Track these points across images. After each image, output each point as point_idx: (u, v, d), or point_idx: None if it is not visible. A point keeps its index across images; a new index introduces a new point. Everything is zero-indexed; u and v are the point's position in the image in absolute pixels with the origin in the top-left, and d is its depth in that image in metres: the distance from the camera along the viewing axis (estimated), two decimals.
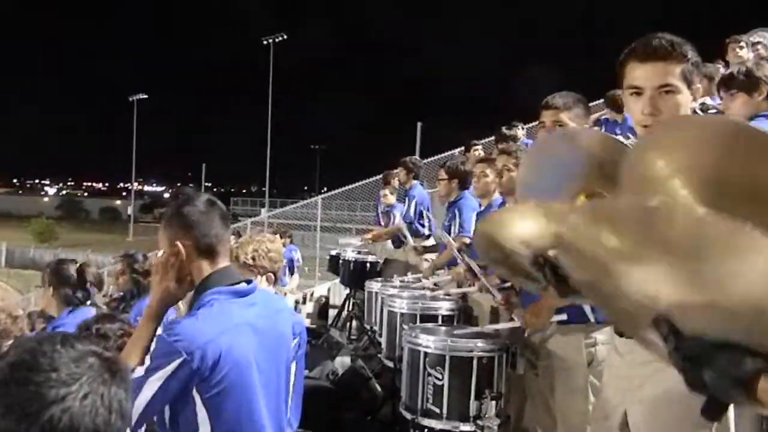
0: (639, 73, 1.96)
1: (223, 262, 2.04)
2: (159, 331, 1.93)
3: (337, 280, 8.92)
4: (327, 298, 9.90)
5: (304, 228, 17.34)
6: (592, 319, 2.78)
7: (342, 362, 5.42)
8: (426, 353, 3.00)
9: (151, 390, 1.75)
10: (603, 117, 6.95)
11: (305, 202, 19.32)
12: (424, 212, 6.64)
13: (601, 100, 7.02)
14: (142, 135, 57.74)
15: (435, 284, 4.51)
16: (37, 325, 5.12)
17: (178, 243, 1.95)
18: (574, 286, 1.44)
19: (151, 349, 1.84)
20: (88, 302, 4.00)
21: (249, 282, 2.06)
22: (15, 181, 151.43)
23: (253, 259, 2.97)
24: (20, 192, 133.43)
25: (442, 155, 12.36)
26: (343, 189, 17.07)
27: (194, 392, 1.83)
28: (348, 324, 7.36)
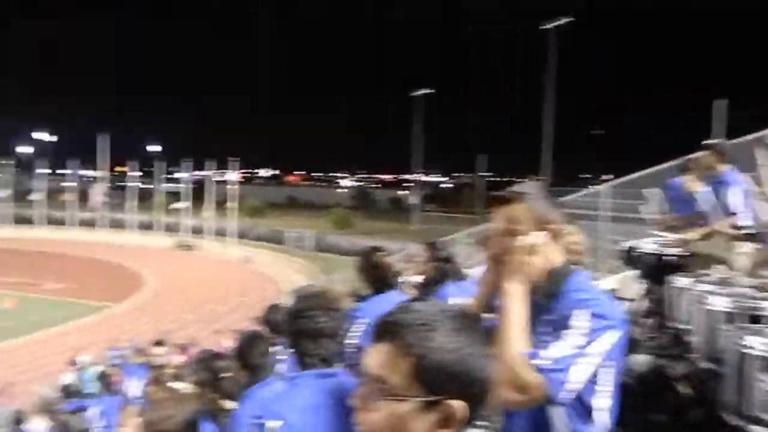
0: None
1: None
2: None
3: (626, 273, 8.43)
4: (616, 291, 9.48)
5: (585, 218, 16.79)
6: None
7: (639, 360, 5.13)
8: (756, 356, 2.71)
9: (591, 364, 1.77)
10: None
11: (587, 191, 18.65)
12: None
13: None
14: (425, 128, 60.98)
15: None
16: (347, 304, 5.73)
17: (551, 225, 1.93)
18: None
19: (574, 325, 1.81)
20: (392, 289, 4.34)
21: None
22: (314, 174, 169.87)
23: None
24: (321, 184, 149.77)
25: (745, 137, 9.75)
26: (628, 178, 16.10)
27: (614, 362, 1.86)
28: (645, 320, 6.95)
